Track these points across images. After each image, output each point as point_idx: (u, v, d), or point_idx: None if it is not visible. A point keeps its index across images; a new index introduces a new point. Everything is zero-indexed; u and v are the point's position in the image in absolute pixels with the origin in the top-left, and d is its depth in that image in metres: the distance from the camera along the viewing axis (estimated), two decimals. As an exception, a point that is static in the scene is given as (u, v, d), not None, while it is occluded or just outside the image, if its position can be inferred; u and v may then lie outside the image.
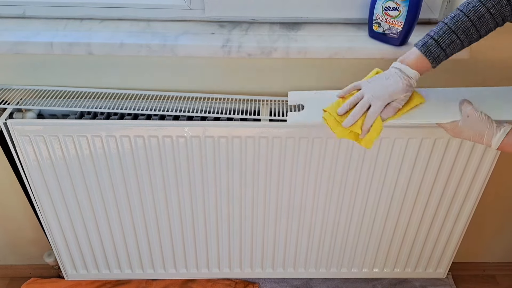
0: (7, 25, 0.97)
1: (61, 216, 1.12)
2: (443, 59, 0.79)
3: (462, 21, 0.75)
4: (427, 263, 1.27)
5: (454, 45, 0.77)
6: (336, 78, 1.01)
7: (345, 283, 1.38)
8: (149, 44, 0.92)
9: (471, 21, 0.75)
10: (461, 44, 0.77)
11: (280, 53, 0.92)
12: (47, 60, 0.98)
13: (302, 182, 1.06)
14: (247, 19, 1.00)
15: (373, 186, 1.07)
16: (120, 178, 1.05)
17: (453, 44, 0.76)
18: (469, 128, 0.79)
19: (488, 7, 0.74)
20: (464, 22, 0.75)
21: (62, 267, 1.26)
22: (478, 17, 0.74)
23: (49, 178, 1.05)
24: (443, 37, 0.76)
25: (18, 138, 0.97)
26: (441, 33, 0.77)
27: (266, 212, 1.12)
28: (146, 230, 1.16)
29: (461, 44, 0.77)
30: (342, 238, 1.20)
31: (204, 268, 1.27)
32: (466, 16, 0.75)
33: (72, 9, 0.99)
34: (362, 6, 0.96)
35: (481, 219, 1.31)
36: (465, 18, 0.75)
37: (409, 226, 1.16)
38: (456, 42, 0.76)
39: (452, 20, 0.76)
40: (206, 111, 0.98)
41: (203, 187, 1.07)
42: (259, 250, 1.22)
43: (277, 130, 0.96)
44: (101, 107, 0.97)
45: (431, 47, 0.77)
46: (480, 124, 0.78)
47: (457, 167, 1.03)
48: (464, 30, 0.75)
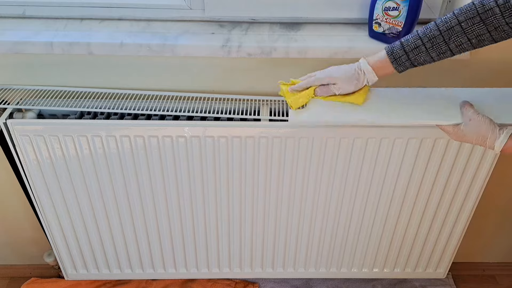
0: (7, 25, 0.97)
1: (61, 216, 1.12)
2: (406, 63, 0.78)
3: (430, 29, 0.76)
4: (427, 263, 1.27)
5: (418, 51, 0.76)
6: (336, 78, 1.01)
7: (345, 283, 1.38)
8: (149, 44, 0.92)
9: (439, 30, 0.75)
10: (426, 51, 0.76)
11: (280, 53, 0.92)
12: (47, 60, 0.98)
13: (302, 182, 1.06)
14: (247, 19, 1.00)
15: (373, 186, 1.07)
16: (120, 178, 1.05)
17: (418, 49, 0.76)
18: (471, 131, 0.79)
19: (460, 20, 0.73)
20: (432, 30, 0.75)
21: (62, 267, 1.26)
22: (447, 28, 0.74)
23: (49, 178, 1.05)
24: (408, 40, 0.77)
25: (18, 138, 0.97)
26: (409, 37, 0.78)
27: (266, 212, 1.12)
28: (146, 230, 1.16)
29: (426, 52, 0.76)
30: (342, 238, 1.20)
31: (204, 268, 1.27)
32: (436, 25, 0.75)
33: (72, 9, 0.99)
34: (362, 6, 0.96)
35: (481, 219, 1.32)
36: (434, 26, 0.75)
37: (409, 226, 1.17)
38: (421, 49, 0.76)
39: (423, 28, 0.77)
40: (206, 111, 0.99)
41: (203, 187, 1.07)
42: (259, 250, 1.22)
43: (277, 130, 0.96)
44: (101, 107, 0.97)
45: (395, 48, 0.79)
46: (483, 128, 0.78)
47: (457, 167, 1.03)
48: (430, 38, 0.75)
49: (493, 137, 0.77)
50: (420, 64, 0.79)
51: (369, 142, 0.98)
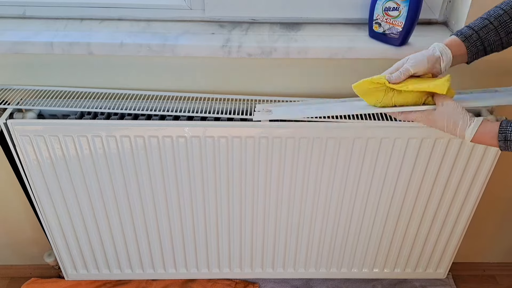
0: (8, 25, 0.97)
1: (61, 216, 1.12)
2: (477, 43, 0.79)
3: (494, 10, 0.79)
4: (427, 263, 1.27)
5: (487, 29, 0.78)
6: (336, 78, 1.01)
7: (345, 283, 1.38)
8: (149, 44, 0.92)
9: (503, 10, 0.77)
10: (495, 30, 0.78)
11: (280, 53, 0.92)
12: (47, 60, 0.98)
13: (302, 182, 1.06)
14: (247, 19, 1.00)
15: (373, 186, 1.07)
16: (120, 178, 1.05)
17: (486, 28, 0.78)
18: (443, 117, 0.78)
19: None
20: (496, 11, 0.78)
21: (62, 267, 1.26)
22: (511, 7, 0.77)
23: (49, 178, 1.05)
24: (475, 22, 0.80)
25: (18, 138, 0.97)
26: (475, 21, 0.80)
27: (266, 212, 1.12)
28: (146, 230, 1.16)
29: (496, 31, 0.78)
30: (342, 238, 1.20)
31: (204, 268, 1.27)
32: (498, 7, 0.78)
33: (72, 9, 0.99)
34: (362, 6, 0.96)
35: (481, 219, 1.32)
36: (497, 8, 0.79)
37: (409, 226, 1.16)
38: (489, 27, 0.78)
39: (486, 13, 0.80)
40: (206, 111, 0.98)
41: (203, 187, 1.07)
42: (259, 250, 1.22)
43: (277, 130, 0.96)
44: (101, 107, 0.97)
45: (463, 29, 0.80)
46: (455, 114, 0.77)
47: (457, 167, 1.03)
48: (496, 17, 0.78)
49: (464, 125, 0.76)
50: (490, 46, 0.79)
51: (369, 142, 0.98)
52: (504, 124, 0.73)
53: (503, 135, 0.72)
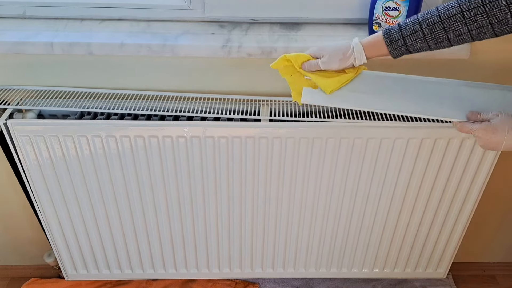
0: (8, 25, 0.97)
1: (61, 216, 1.12)
2: (402, 48, 0.75)
3: (431, 15, 0.72)
4: (427, 263, 1.27)
5: (415, 36, 0.73)
6: (336, 78, 1.01)
7: (345, 283, 1.38)
8: (149, 44, 0.92)
9: (439, 17, 0.71)
10: (423, 38, 0.73)
11: (280, 53, 0.92)
12: (47, 60, 0.98)
13: (302, 182, 1.06)
14: (247, 19, 1.00)
15: (373, 186, 1.07)
16: (120, 178, 1.05)
17: (415, 35, 0.73)
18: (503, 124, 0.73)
19: (463, 9, 0.69)
20: (432, 16, 0.72)
21: (62, 267, 1.26)
22: (449, 16, 0.70)
23: (49, 178, 1.05)
24: (407, 24, 0.74)
25: (18, 138, 0.97)
26: (408, 21, 0.75)
27: (266, 212, 1.12)
28: (146, 230, 1.16)
29: (424, 39, 0.73)
30: (342, 238, 1.20)
31: (204, 268, 1.27)
32: (437, 10, 0.72)
33: (72, 10, 0.99)
34: (362, 6, 0.96)
35: (481, 219, 1.32)
36: (435, 12, 0.72)
37: (409, 226, 1.16)
38: (419, 34, 0.73)
39: (423, 13, 0.73)
40: (206, 111, 0.99)
41: (203, 187, 1.07)
42: (259, 250, 1.22)
43: (277, 130, 0.96)
44: (101, 107, 0.97)
45: (392, 30, 0.75)
46: None
47: (457, 167, 1.03)
48: (429, 24, 0.72)
49: None
50: (416, 51, 0.76)
51: (369, 142, 0.98)
52: None
53: None
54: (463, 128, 0.79)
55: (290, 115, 0.97)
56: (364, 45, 0.78)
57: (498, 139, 0.74)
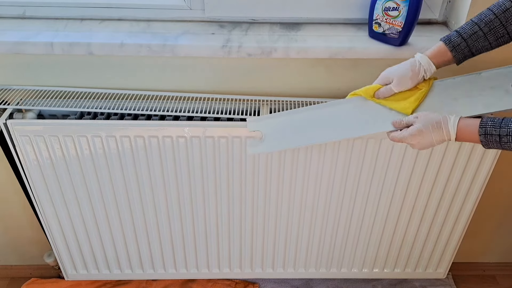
0: (8, 25, 0.97)
1: (61, 216, 1.12)
2: (465, 50, 0.78)
3: (485, 15, 0.76)
4: (427, 263, 1.27)
5: (476, 37, 0.76)
6: (336, 78, 1.01)
7: (345, 283, 1.38)
8: (149, 44, 0.92)
9: (494, 14, 0.75)
10: (484, 36, 0.76)
11: (280, 53, 0.92)
12: (47, 60, 0.98)
13: (302, 182, 1.06)
14: (247, 19, 1.00)
15: (373, 186, 1.07)
16: (120, 178, 1.05)
17: (475, 35, 0.76)
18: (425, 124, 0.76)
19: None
20: (487, 15, 0.76)
21: (62, 267, 1.26)
22: (503, 10, 0.74)
23: (49, 178, 1.05)
24: (464, 28, 0.78)
25: (18, 138, 0.97)
26: (464, 25, 0.78)
27: (266, 212, 1.12)
28: (146, 230, 1.16)
29: (485, 37, 0.76)
30: (342, 238, 1.20)
31: (204, 268, 1.27)
32: (490, 10, 0.76)
33: (72, 10, 0.99)
34: (362, 6, 0.96)
35: (481, 219, 1.32)
36: (488, 12, 0.76)
37: (409, 226, 1.17)
38: (479, 34, 0.76)
39: (477, 16, 0.77)
40: (206, 111, 0.99)
41: (203, 187, 1.07)
42: (259, 250, 1.22)
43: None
44: (101, 107, 0.97)
45: (452, 36, 0.79)
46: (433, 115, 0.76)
47: (457, 167, 1.03)
48: (487, 22, 0.75)
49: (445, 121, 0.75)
50: (478, 51, 0.78)
51: (369, 142, 0.98)
52: (485, 119, 0.72)
53: (484, 130, 0.72)
54: (394, 138, 0.81)
55: (290, 115, 0.97)
56: (428, 56, 0.80)
57: (427, 140, 0.77)
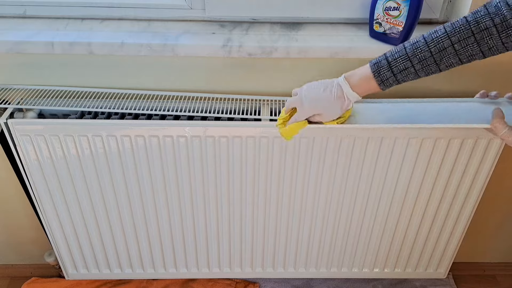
0: (8, 25, 0.97)
1: (61, 215, 1.13)
2: (393, 84, 0.75)
3: (421, 50, 0.70)
4: (427, 263, 1.27)
5: (407, 72, 0.72)
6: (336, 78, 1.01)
7: (345, 283, 1.38)
8: (150, 44, 0.92)
9: (430, 52, 0.69)
10: (415, 73, 0.72)
11: (281, 53, 0.92)
12: (47, 59, 0.98)
13: (303, 181, 1.06)
14: (248, 19, 1.00)
15: (373, 186, 1.07)
16: (121, 178, 1.05)
17: (406, 71, 0.72)
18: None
19: (453, 41, 0.68)
20: (422, 51, 0.70)
21: (63, 266, 1.26)
22: (439, 50, 0.69)
23: (49, 178, 1.05)
24: (397, 61, 0.72)
25: (18, 137, 0.97)
26: (397, 56, 0.72)
27: (266, 212, 1.12)
28: (146, 229, 1.16)
29: (415, 73, 0.72)
30: (343, 238, 1.20)
31: (205, 268, 1.27)
32: (426, 44, 0.70)
33: (73, 9, 0.99)
34: (363, 6, 0.96)
35: (482, 219, 1.32)
36: (424, 46, 0.70)
37: (410, 226, 1.17)
38: (410, 70, 0.72)
39: (412, 46, 0.71)
40: (207, 111, 0.99)
41: (204, 187, 1.07)
42: (260, 250, 1.22)
43: (277, 130, 0.96)
44: (101, 107, 0.97)
45: (382, 68, 0.73)
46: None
47: (458, 167, 1.03)
48: (420, 60, 0.70)
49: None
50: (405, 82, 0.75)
51: (369, 141, 0.98)
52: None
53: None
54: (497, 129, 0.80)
55: (290, 115, 0.97)
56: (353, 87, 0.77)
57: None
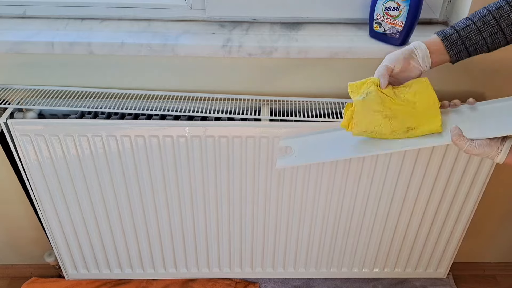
0: (8, 25, 0.97)
1: (61, 215, 1.13)
2: (458, 42, 0.76)
3: (479, 11, 0.76)
4: (427, 263, 1.27)
5: (469, 29, 0.76)
6: (336, 78, 1.01)
7: (345, 283, 1.38)
8: (150, 44, 0.92)
9: (488, 10, 0.75)
10: (477, 30, 0.76)
11: (281, 53, 0.92)
12: (47, 59, 0.98)
13: (303, 181, 1.06)
14: (248, 19, 1.00)
15: (373, 186, 1.07)
16: (121, 178, 1.05)
17: (468, 28, 0.76)
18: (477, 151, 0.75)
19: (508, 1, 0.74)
20: (481, 11, 0.76)
21: (63, 266, 1.26)
22: (497, 7, 0.75)
23: (49, 178, 1.05)
24: (458, 23, 0.78)
25: (18, 138, 0.97)
26: (458, 21, 0.78)
27: (266, 212, 1.12)
28: (146, 229, 1.16)
29: (478, 31, 0.76)
30: (343, 238, 1.20)
31: (205, 268, 1.27)
32: (484, 8, 0.76)
33: (73, 9, 0.99)
34: (363, 6, 0.96)
35: (482, 219, 1.31)
36: (483, 9, 0.76)
37: (410, 226, 1.16)
38: (471, 27, 0.76)
39: (472, 13, 0.77)
40: (207, 111, 0.99)
41: (204, 187, 1.07)
42: (260, 250, 1.22)
43: (277, 130, 0.96)
44: (101, 107, 0.97)
45: (445, 30, 0.78)
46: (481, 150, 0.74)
47: (457, 169, 1.03)
48: (480, 17, 0.75)
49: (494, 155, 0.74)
50: (472, 46, 0.77)
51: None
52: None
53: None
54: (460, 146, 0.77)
55: (290, 115, 0.97)
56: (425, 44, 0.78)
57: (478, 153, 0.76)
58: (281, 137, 0.94)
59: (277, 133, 0.96)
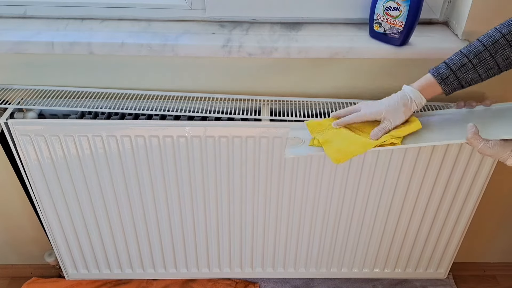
0: (8, 25, 0.97)
1: (62, 215, 1.13)
2: (454, 83, 0.77)
3: (475, 46, 0.76)
4: (427, 263, 1.27)
5: (465, 69, 0.76)
6: (336, 78, 1.01)
7: (345, 283, 1.38)
8: (150, 44, 0.92)
9: (484, 46, 0.75)
10: (473, 68, 0.76)
11: (281, 53, 0.92)
12: (48, 59, 0.98)
13: (303, 181, 1.06)
14: (248, 19, 1.00)
15: (374, 186, 1.07)
16: (121, 178, 1.05)
17: (464, 67, 0.76)
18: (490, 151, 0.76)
19: (503, 33, 0.73)
20: (476, 46, 0.76)
21: (63, 266, 1.26)
22: (492, 42, 0.74)
23: (50, 178, 1.05)
24: (453, 60, 0.77)
25: (19, 138, 0.97)
26: (453, 57, 0.78)
27: (266, 212, 1.12)
28: (146, 229, 1.16)
29: (474, 69, 0.76)
30: (343, 238, 1.20)
31: (205, 268, 1.27)
32: (479, 41, 0.76)
33: (73, 9, 0.99)
34: (363, 6, 0.96)
35: (482, 220, 1.31)
36: (478, 43, 0.76)
37: (410, 226, 1.16)
38: (468, 66, 0.76)
39: (466, 47, 0.77)
40: (207, 111, 0.99)
41: (204, 187, 1.07)
42: (260, 250, 1.22)
43: (277, 130, 0.96)
44: (101, 107, 0.97)
45: (440, 68, 0.78)
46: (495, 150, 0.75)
47: (457, 168, 1.03)
48: (476, 54, 0.75)
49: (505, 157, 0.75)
50: (468, 83, 0.78)
51: (369, 142, 0.98)
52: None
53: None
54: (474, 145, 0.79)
55: (290, 115, 0.97)
56: (417, 89, 0.80)
57: None
58: (290, 127, 0.94)
59: (277, 133, 0.96)
